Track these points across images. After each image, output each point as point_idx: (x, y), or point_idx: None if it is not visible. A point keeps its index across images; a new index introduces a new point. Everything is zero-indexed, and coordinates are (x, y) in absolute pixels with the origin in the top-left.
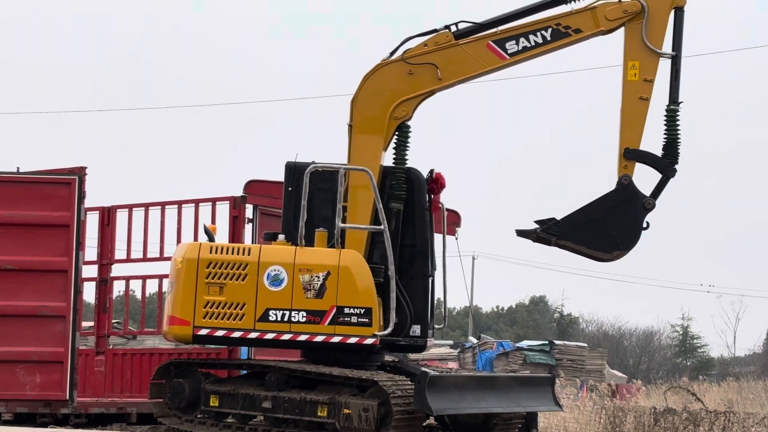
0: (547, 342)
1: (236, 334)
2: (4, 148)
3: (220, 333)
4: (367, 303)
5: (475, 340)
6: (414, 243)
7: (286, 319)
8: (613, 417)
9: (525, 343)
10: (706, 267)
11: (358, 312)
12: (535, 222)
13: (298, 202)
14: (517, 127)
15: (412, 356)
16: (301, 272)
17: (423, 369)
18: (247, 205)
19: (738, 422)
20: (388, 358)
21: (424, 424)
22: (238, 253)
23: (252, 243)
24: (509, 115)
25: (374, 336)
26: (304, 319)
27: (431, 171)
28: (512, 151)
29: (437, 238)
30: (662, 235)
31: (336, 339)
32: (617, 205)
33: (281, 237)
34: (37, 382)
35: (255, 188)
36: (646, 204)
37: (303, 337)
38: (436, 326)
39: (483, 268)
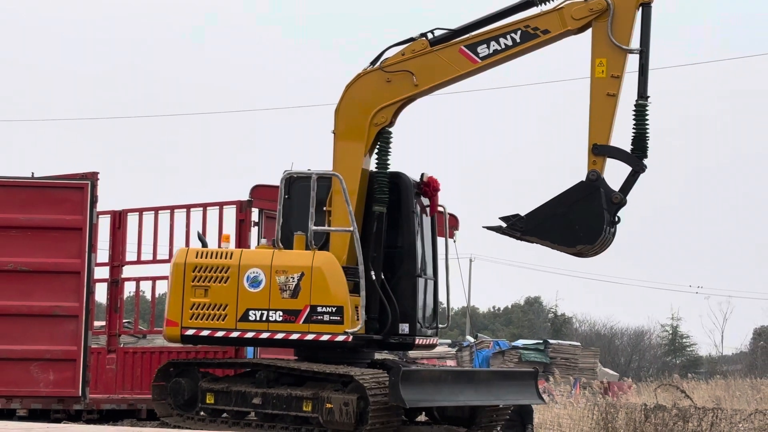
0: (541, 341)
1: (219, 334)
2: (19, 153)
3: (205, 333)
4: (339, 302)
5: (472, 339)
6: (401, 244)
7: (264, 318)
8: (605, 413)
9: (520, 342)
10: (695, 269)
11: (330, 310)
12: (500, 218)
13: (294, 208)
14: (514, 131)
15: (412, 354)
16: (278, 274)
17: (402, 364)
18: (253, 209)
19: (725, 418)
20: (388, 356)
21: (416, 419)
22: (220, 257)
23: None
24: (504, 119)
25: (345, 333)
26: (281, 318)
27: (422, 175)
28: (509, 154)
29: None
30: (652, 238)
31: (310, 336)
32: (579, 200)
33: (263, 241)
34: (50, 380)
35: (261, 193)
36: (613, 198)
37: (279, 336)
38: (440, 326)
39: (480, 270)
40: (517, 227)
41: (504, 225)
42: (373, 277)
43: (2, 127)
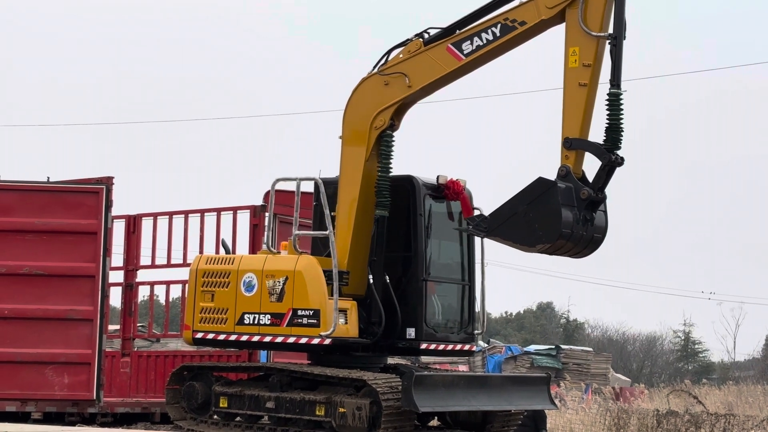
0: (553, 346)
1: (221, 337)
2: (35, 158)
3: (210, 336)
4: (316, 305)
5: (484, 344)
6: (408, 248)
7: (256, 322)
8: (617, 419)
9: (532, 348)
10: (707, 275)
11: (308, 313)
12: (465, 219)
13: (320, 215)
14: (523, 139)
15: (424, 359)
16: (267, 278)
17: (415, 369)
18: (267, 214)
19: (738, 424)
20: (401, 361)
21: (429, 423)
22: (223, 263)
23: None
24: (515, 128)
25: (320, 336)
26: (269, 321)
27: (438, 177)
28: (520, 160)
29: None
30: (665, 244)
31: (291, 339)
32: (536, 198)
33: (264, 246)
34: (65, 383)
35: (275, 197)
36: (581, 194)
37: (267, 339)
38: (476, 332)
39: (493, 275)
40: (481, 227)
41: (469, 226)
42: (371, 281)
43: (18, 131)
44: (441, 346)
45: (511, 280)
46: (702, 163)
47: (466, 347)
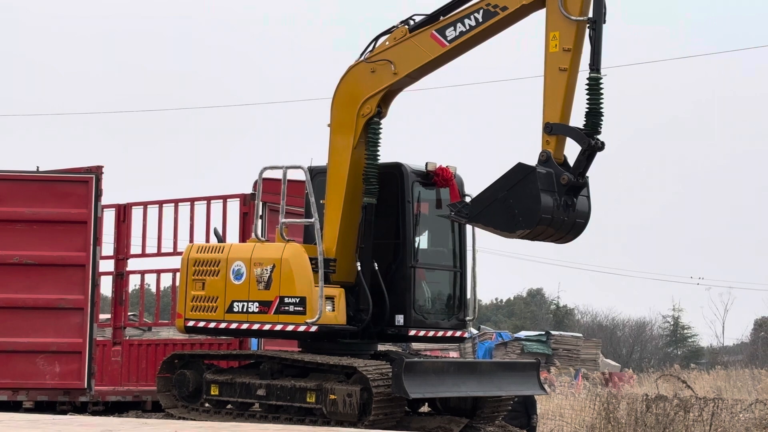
0: (543, 332)
1: (212, 325)
2: (24, 147)
3: (201, 324)
4: (302, 292)
5: (475, 331)
6: (397, 235)
7: (244, 309)
8: (607, 404)
9: (523, 334)
10: (696, 260)
11: (294, 301)
12: (448, 206)
13: (312, 203)
14: (522, 128)
15: (415, 346)
16: (255, 266)
17: (405, 356)
18: (255, 203)
19: (726, 408)
20: (392, 348)
21: (419, 409)
22: (214, 252)
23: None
24: (513, 117)
25: (306, 323)
26: (257, 309)
27: (426, 164)
28: (517, 148)
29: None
30: (654, 230)
31: (279, 327)
32: (516, 184)
33: (253, 235)
34: (56, 372)
35: (265, 186)
36: (561, 179)
37: (256, 326)
38: (467, 318)
39: (483, 261)
40: (463, 213)
41: (452, 212)
42: (359, 268)
43: (7, 121)
44: (431, 333)
45: (501, 266)
46: (689, 150)
47: (457, 334)
